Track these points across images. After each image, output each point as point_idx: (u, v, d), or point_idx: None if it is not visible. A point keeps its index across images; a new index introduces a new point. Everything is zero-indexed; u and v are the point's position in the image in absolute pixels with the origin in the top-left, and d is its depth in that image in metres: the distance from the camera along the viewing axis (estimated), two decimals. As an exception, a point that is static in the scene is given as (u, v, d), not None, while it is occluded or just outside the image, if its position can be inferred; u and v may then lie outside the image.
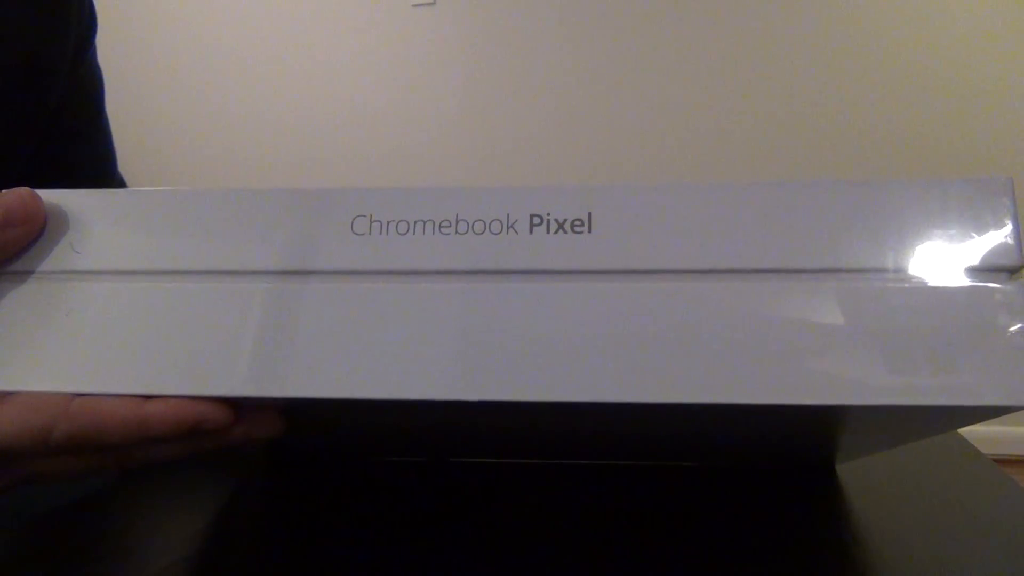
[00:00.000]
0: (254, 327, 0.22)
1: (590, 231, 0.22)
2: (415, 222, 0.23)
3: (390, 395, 0.22)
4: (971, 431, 0.40)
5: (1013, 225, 0.21)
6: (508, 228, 0.23)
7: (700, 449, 0.35)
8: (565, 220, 0.22)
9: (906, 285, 0.21)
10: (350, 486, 0.36)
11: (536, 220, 0.23)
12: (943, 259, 0.21)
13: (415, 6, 1.90)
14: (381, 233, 0.23)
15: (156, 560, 0.28)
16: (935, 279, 0.21)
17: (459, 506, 0.33)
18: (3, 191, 0.23)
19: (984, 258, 0.21)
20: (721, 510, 0.32)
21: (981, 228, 0.21)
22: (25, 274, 0.24)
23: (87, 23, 0.49)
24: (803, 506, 0.33)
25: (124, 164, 0.55)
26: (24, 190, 0.23)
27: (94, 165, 0.52)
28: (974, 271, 0.21)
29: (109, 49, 0.55)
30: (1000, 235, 0.21)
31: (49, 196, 0.24)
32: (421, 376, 0.22)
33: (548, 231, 0.22)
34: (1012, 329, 0.20)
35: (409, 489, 0.35)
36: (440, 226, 0.23)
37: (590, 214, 0.22)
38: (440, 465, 0.38)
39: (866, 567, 0.27)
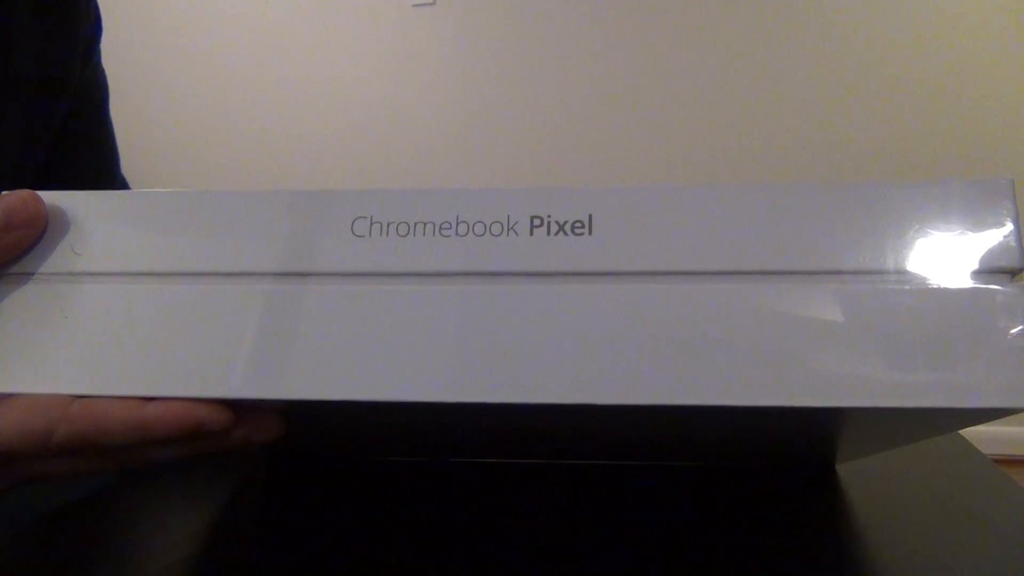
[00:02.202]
0: (254, 329, 0.22)
1: (590, 233, 0.22)
2: (415, 224, 0.23)
3: (390, 397, 0.22)
4: (971, 431, 0.40)
5: (1014, 226, 0.21)
6: (508, 230, 0.22)
7: (700, 449, 0.35)
8: (565, 222, 0.22)
9: (907, 287, 0.21)
10: (350, 486, 0.36)
11: (536, 222, 0.22)
12: (944, 261, 0.21)
13: (415, 6, 1.90)
14: (381, 235, 0.23)
15: (156, 560, 0.28)
16: (936, 281, 0.21)
17: (460, 506, 0.33)
18: (5, 193, 0.23)
19: (985, 260, 0.21)
20: (721, 510, 0.32)
21: (982, 229, 0.21)
22: (25, 276, 0.24)
23: (93, 28, 0.49)
24: (803, 506, 0.33)
25: (125, 165, 0.55)
26: (26, 192, 0.23)
27: (98, 167, 0.52)
28: (975, 273, 0.21)
29: (111, 51, 0.55)
30: (1001, 236, 0.21)
31: (49, 197, 0.24)
32: (421, 378, 0.22)
33: (548, 233, 0.22)
34: (1013, 331, 0.20)
35: (410, 489, 0.35)
36: (440, 228, 0.23)
37: (590, 216, 0.22)
38: (441, 465, 0.38)
39: (866, 567, 0.27)
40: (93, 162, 0.52)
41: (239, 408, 0.23)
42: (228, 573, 0.28)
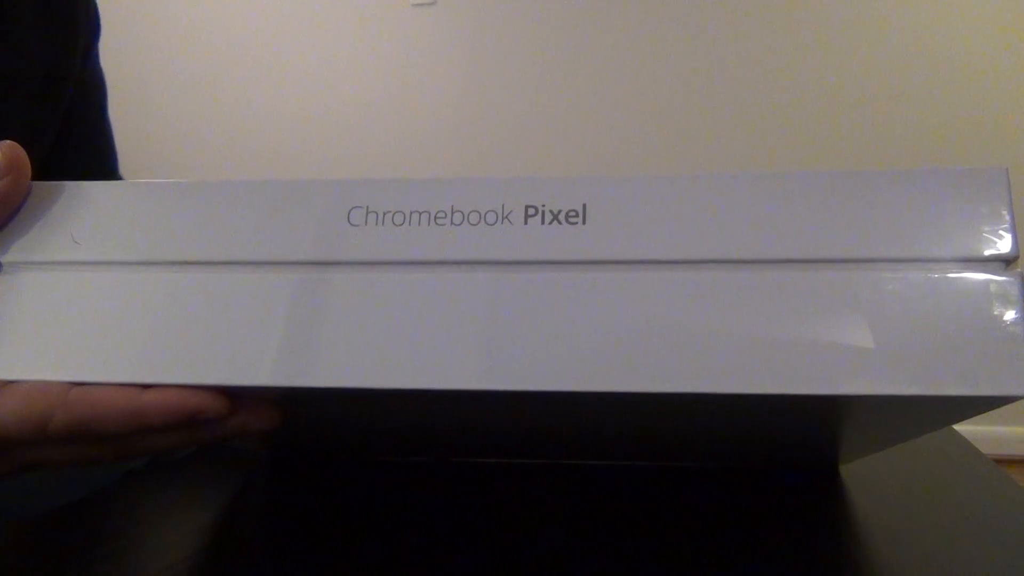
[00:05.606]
0: (249, 317, 0.22)
1: (585, 222, 0.22)
2: (411, 213, 0.23)
3: (384, 384, 0.22)
4: (971, 431, 0.40)
5: (1009, 215, 0.21)
6: (503, 219, 0.23)
7: (704, 450, 0.35)
8: (560, 211, 0.23)
9: (901, 275, 0.21)
10: (352, 486, 0.36)
11: (531, 211, 0.23)
12: (938, 249, 0.21)
13: (415, 6, 1.91)
14: (377, 224, 0.23)
15: (156, 560, 0.28)
16: (930, 269, 0.21)
17: (461, 506, 0.33)
18: None
19: (979, 248, 0.21)
20: (726, 511, 0.32)
21: (977, 218, 0.21)
22: (26, 264, 0.24)
23: (92, 28, 0.50)
24: (808, 507, 0.33)
25: (126, 162, 0.55)
26: (4, 142, 0.23)
27: (96, 165, 0.52)
28: (969, 261, 0.21)
29: (113, 49, 0.56)
30: (996, 225, 0.21)
31: (50, 187, 0.24)
32: (414, 366, 0.22)
33: (543, 222, 0.22)
34: (1007, 319, 0.20)
35: (411, 489, 0.35)
36: (436, 217, 0.23)
37: (585, 205, 0.23)
38: (442, 465, 0.38)
39: (869, 567, 0.27)
40: (92, 161, 0.52)
41: (236, 396, 0.23)
42: (228, 573, 0.28)
